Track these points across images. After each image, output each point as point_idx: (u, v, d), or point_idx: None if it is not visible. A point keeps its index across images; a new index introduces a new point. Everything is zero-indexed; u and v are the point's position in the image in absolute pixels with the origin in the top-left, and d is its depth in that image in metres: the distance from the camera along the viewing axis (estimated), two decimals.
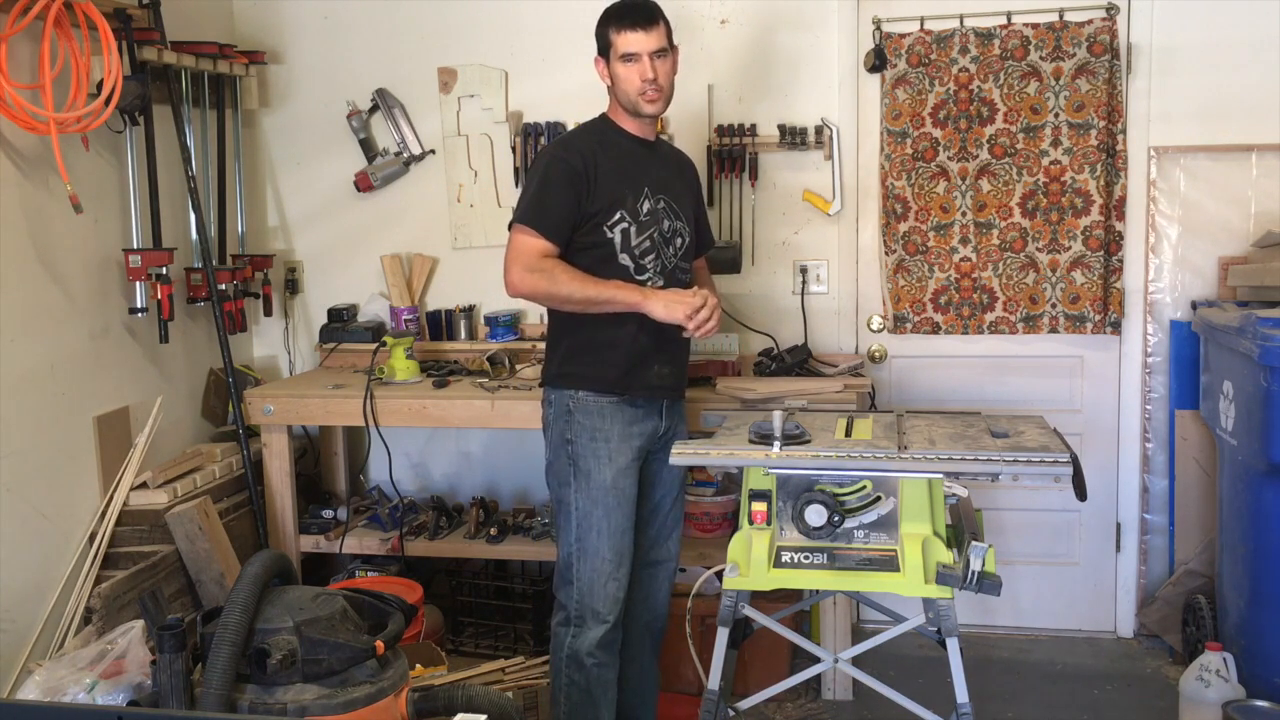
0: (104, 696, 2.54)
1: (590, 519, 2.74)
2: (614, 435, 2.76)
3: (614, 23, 2.74)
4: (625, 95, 2.76)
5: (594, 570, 2.74)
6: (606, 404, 2.75)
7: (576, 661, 2.76)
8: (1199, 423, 3.61)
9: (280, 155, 4.18)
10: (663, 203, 2.81)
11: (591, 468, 2.74)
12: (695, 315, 2.64)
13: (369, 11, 4.04)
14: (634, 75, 2.72)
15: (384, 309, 4.11)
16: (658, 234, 2.79)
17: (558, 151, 2.79)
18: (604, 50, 2.78)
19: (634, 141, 2.83)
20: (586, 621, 2.75)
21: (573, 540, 2.76)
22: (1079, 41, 3.63)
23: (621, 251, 2.74)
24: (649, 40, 2.72)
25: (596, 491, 2.74)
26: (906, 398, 3.89)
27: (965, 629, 3.79)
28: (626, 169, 2.77)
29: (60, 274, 3.18)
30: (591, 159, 2.72)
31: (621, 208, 2.73)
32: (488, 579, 3.85)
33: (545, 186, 2.72)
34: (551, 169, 2.73)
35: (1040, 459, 2.38)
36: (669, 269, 2.82)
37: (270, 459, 3.61)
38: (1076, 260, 3.71)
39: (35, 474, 3.06)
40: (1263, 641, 3.14)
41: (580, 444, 2.75)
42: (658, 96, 2.75)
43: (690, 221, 2.91)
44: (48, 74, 2.94)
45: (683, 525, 3.05)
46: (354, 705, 2.06)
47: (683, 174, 2.98)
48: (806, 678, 2.81)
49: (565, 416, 2.77)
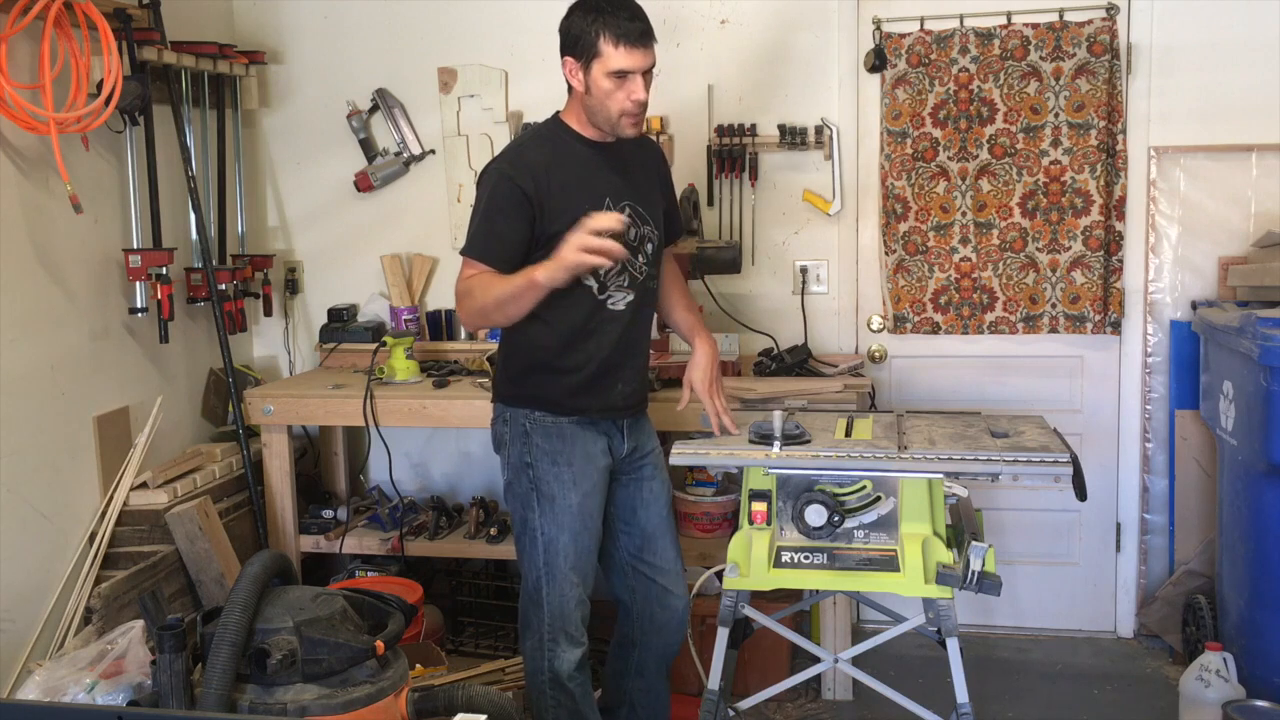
0: (104, 696, 2.54)
1: (556, 544, 2.63)
2: (576, 457, 2.62)
3: (608, 31, 2.41)
4: (604, 113, 2.49)
5: (562, 595, 2.65)
6: (565, 424, 2.62)
7: (558, 684, 2.69)
8: (1199, 423, 3.61)
9: (280, 155, 4.18)
10: (628, 209, 2.57)
11: (556, 492, 2.61)
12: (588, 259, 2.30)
13: (369, 11, 4.04)
14: (621, 95, 2.45)
15: (384, 309, 4.11)
16: (624, 243, 2.47)
17: (505, 170, 2.50)
18: (582, 54, 2.45)
19: (590, 148, 2.58)
20: (561, 644, 2.67)
21: (540, 565, 2.65)
22: (1079, 41, 3.63)
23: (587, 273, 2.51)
24: (645, 58, 2.45)
25: (563, 517, 2.62)
26: (906, 398, 3.90)
27: (965, 629, 3.80)
28: (585, 180, 2.54)
29: (60, 274, 3.18)
30: (545, 176, 2.49)
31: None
32: (488, 579, 3.85)
33: (493, 213, 2.49)
34: (498, 192, 2.49)
35: (1040, 459, 2.39)
36: (639, 281, 2.64)
37: (270, 459, 3.61)
38: (1076, 260, 3.71)
39: (35, 474, 3.06)
40: (1263, 641, 3.13)
41: (541, 468, 2.62)
42: (640, 118, 2.51)
43: (658, 222, 2.69)
44: (48, 74, 2.94)
45: (679, 546, 2.90)
46: (354, 705, 2.06)
47: (645, 166, 2.71)
48: (806, 678, 2.82)
49: (523, 438, 2.63)
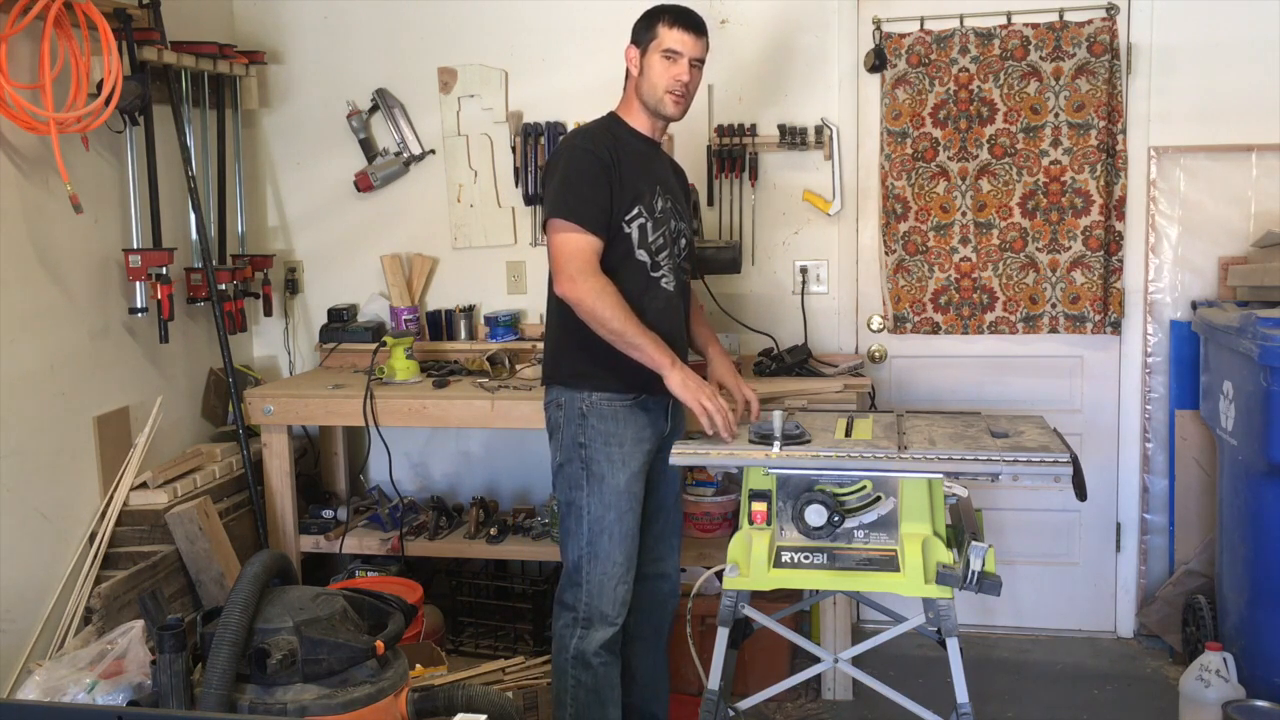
0: (104, 696, 2.54)
1: (603, 523, 2.72)
2: (628, 439, 2.73)
3: (666, 17, 2.75)
4: (653, 88, 2.74)
5: (604, 574, 2.73)
6: (621, 407, 2.73)
7: (583, 662, 2.75)
8: (1199, 423, 3.61)
9: (280, 155, 4.18)
10: (670, 202, 2.81)
11: (606, 472, 2.72)
12: (707, 409, 2.57)
13: (369, 11, 4.04)
14: (669, 71, 2.73)
15: (384, 309, 4.11)
16: (668, 232, 2.78)
17: (582, 143, 2.74)
18: (642, 41, 2.77)
19: (643, 141, 2.82)
20: (594, 624, 2.74)
21: (584, 544, 2.73)
22: (1079, 41, 3.63)
23: (639, 247, 2.71)
24: (695, 46, 2.75)
25: (610, 496, 2.72)
26: (906, 398, 3.90)
27: (965, 629, 3.80)
28: (641, 166, 2.76)
29: (60, 274, 3.18)
30: (615, 152, 2.70)
31: (640, 203, 2.71)
32: (488, 579, 3.85)
33: (579, 178, 2.67)
34: (580, 160, 2.69)
35: (1040, 459, 2.38)
36: (675, 268, 2.82)
37: (270, 459, 3.61)
38: (1076, 260, 3.71)
39: (35, 474, 3.06)
40: (1263, 641, 3.13)
41: (594, 448, 2.72)
42: (683, 99, 2.76)
43: (689, 222, 2.92)
44: (48, 74, 2.94)
45: (683, 530, 3.05)
46: (354, 705, 2.06)
47: (680, 180, 2.99)
48: (806, 678, 2.81)
49: (579, 420, 2.73)
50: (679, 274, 2.84)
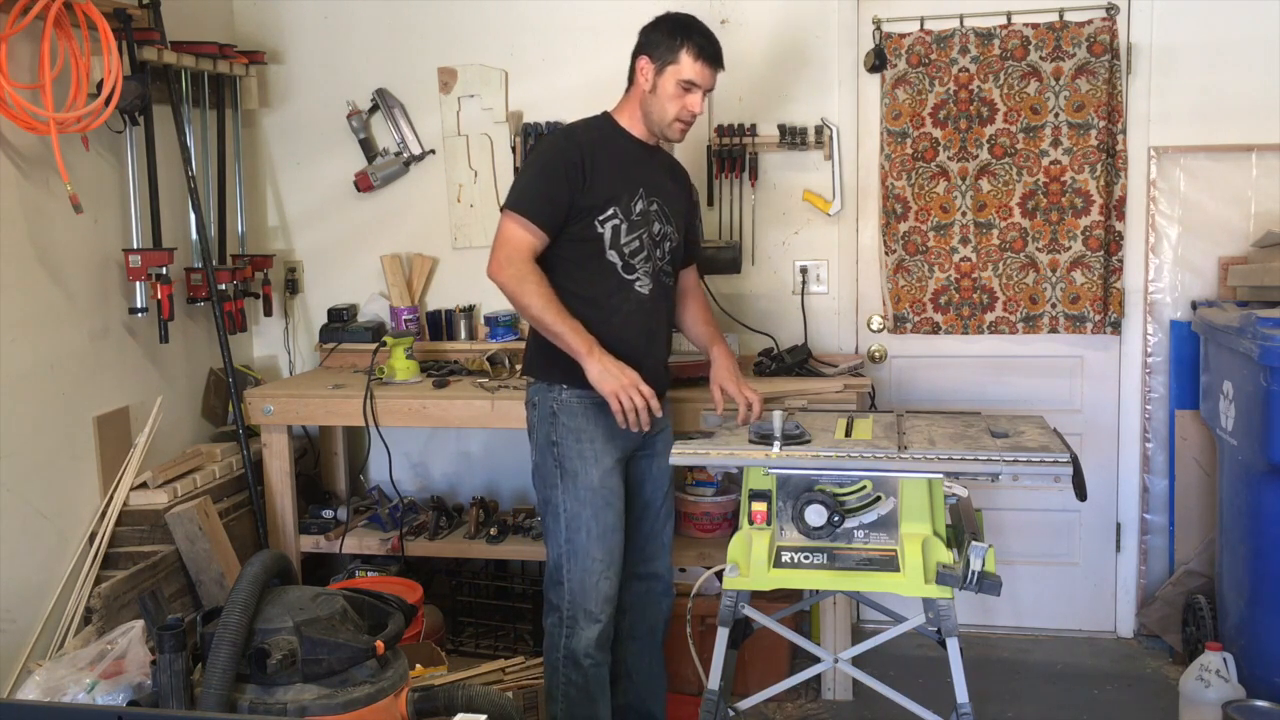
0: (104, 696, 2.54)
1: (579, 520, 2.74)
2: (598, 436, 2.75)
3: (691, 44, 2.71)
4: (663, 113, 2.75)
5: (585, 570, 2.74)
6: (591, 404, 2.74)
7: (573, 662, 2.77)
8: (1199, 423, 3.61)
9: (280, 155, 4.18)
10: (655, 205, 2.82)
11: (578, 469, 2.74)
12: (622, 399, 2.61)
13: (369, 11, 4.04)
14: (682, 103, 2.73)
15: (384, 309, 4.11)
16: (647, 235, 2.79)
17: (559, 141, 2.81)
18: (660, 59, 2.74)
19: (635, 144, 2.83)
20: (579, 621, 2.75)
21: (562, 541, 2.76)
22: (1079, 41, 3.63)
23: (610, 248, 2.74)
24: (712, 79, 2.77)
25: (584, 493, 2.74)
26: (906, 398, 3.90)
27: (965, 629, 3.80)
28: (625, 169, 2.78)
29: (60, 274, 3.18)
30: (591, 153, 2.72)
31: (615, 205, 2.73)
32: (488, 579, 3.85)
33: (539, 175, 2.73)
34: (549, 158, 2.74)
35: (1040, 459, 2.39)
36: (655, 271, 2.83)
37: (270, 459, 3.61)
38: (1076, 260, 3.71)
39: (35, 474, 3.06)
40: (1263, 641, 3.14)
41: (565, 445, 2.75)
42: (689, 128, 2.79)
43: (679, 226, 2.91)
44: (48, 74, 2.94)
45: (674, 527, 3.05)
46: (354, 705, 2.06)
47: (678, 181, 2.98)
48: (806, 678, 2.82)
49: (550, 419, 2.77)
50: (659, 277, 2.85)
